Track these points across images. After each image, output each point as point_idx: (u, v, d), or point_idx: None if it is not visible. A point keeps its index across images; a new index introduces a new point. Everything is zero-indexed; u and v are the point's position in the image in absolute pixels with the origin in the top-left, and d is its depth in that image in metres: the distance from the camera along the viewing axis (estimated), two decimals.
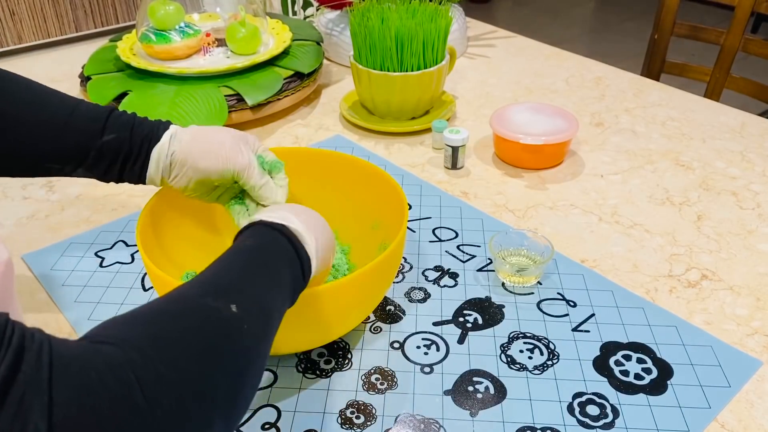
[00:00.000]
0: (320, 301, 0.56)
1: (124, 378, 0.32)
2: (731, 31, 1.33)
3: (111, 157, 0.60)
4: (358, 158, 0.73)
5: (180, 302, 0.41)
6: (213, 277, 0.45)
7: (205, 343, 0.38)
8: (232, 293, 0.43)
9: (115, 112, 0.61)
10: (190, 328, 0.39)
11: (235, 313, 0.41)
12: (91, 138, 0.59)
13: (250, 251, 0.48)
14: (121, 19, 1.42)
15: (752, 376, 0.61)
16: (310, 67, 1.09)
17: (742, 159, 0.95)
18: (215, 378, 0.38)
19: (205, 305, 0.41)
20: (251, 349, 0.42)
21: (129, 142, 0.59)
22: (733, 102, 1.14)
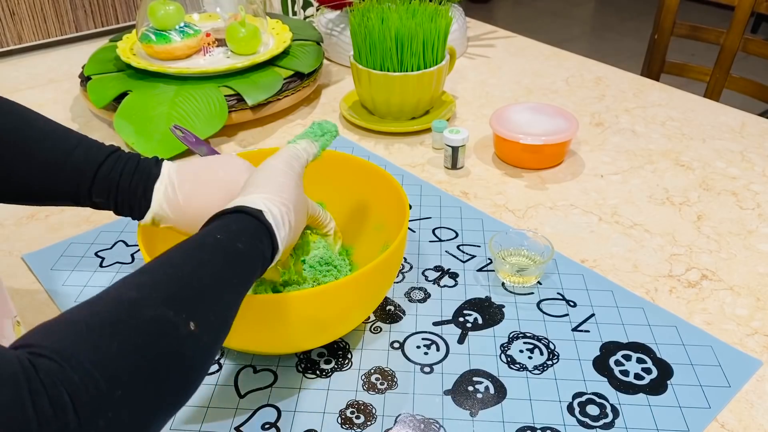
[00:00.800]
0: (321, 301, 0.56)
1: (59, 399, 0.31)
2: (731, 31, 1.33)
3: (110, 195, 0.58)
4: (359, 158, 0.73)
5: (134, 309, 0.38)
6: (176, 279, 0.42)
7: (154, 365, 0.36)
8: (194, 306, 0.40)
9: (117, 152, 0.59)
10: (141, 345, 0.36)
11: (192, 332, 0.39)
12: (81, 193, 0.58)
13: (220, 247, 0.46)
14: (121, 19, 1.42)
15: (752, 376, 0.61)
16: (310, 67, 1.09)
17: (742, 159, 0.95)
18: (158, 399, 0.36)
19: (161, 318, 0.38)
20: (202, 367, 0.41)
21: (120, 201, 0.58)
22: (733, 102, 1.15)
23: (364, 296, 0.60)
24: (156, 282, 0.40)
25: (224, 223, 0.48)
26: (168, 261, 0.43)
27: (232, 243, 0.46)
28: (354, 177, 0.73)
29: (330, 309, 0.57)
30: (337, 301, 0.57)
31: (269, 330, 0.57)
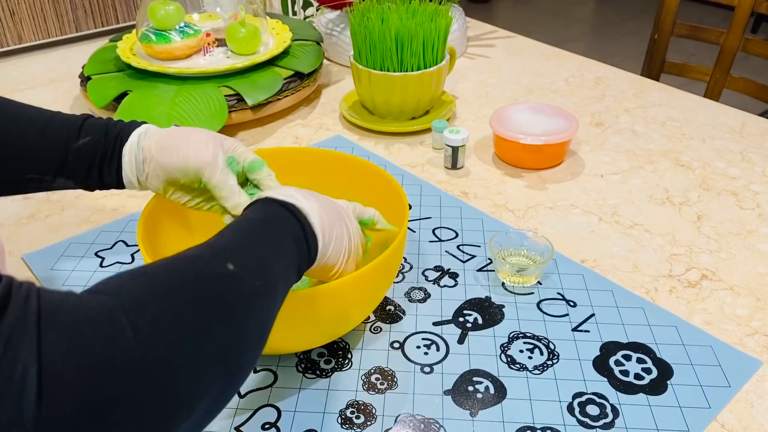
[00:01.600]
0: (321, 301, 0.56)
1: (116, 322, 0.32)
2: (731, 31, 1.33)
3: (88, 161, 0.60)
4: (359, 158, 0.73)
5: (175, 260, 0.41)
6: (212, 241, 0.45)
7: (200, 292, 0.38)
8: (229, 252, 0.43)
9: (91, 118, 0.61)
10: (185, 280, 0.39)
11: (231, 270, 0.41)
12: (67, 143, 0.59)
13: (253, 222, 0.48)
14: (121, 19, 1.42)
15: (752, 376, 0.61)
16: (310, 67, 1.09)
17: (742, 159, 0.95)
18: (212, 328, 0.37)
19: (199, 261, 0.41)
20: (251, 304, 0.42)
21: (103, 142, 0.60)
22: (733, 102, 1.15)
23: (364, 296, 0.60)
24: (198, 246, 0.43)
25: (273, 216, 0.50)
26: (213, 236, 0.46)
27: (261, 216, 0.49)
28: (354, 177, 0.73)
29: (330, 309, 0.57)
30: (337, 301, 0.57)
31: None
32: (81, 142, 0.59)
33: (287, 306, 0.54)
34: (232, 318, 0.39)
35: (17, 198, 0.88)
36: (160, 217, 0.66)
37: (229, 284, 0.41)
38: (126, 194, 0.88)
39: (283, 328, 0.56)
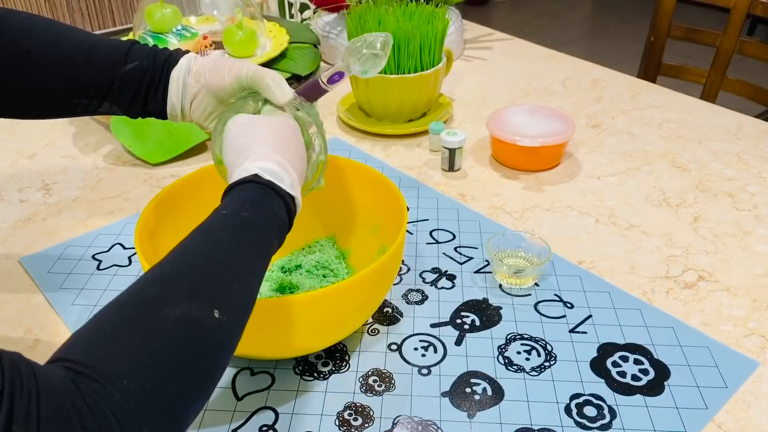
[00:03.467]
0: (320, 305, 0.56)
1: (105, 420, 0.34)
2: (727, 33, 1.33)
3: (135, 86, 0.60)
4: (356, 162, 0.73)
5: (159, 310, 0.39)
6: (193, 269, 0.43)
7: (187, 363, 0.39)
8: (215, 293, 0.42)
9: (137, 44, 0.62)
10: (172, 349, 0.38)
11: (217, 320, 0.41)
12: (115, 67, 0.60)
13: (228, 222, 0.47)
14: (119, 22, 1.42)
15: (749, 377, 0.61)
16: (308, 70, 1.09)
17: (738, 160, 0.95)
18: (194, 393, 0.39)
19: (187, 316, 0.39)
20: (231, 348, 0.43)
21: (151, 69, 0.60)
22: (729, 104, 1.15)
23: (363, 300, 0.60)
24: (177, 274, 0.42)
25: (228, 200, 0.49)
26: (184, 249, 0.44)
27: (237, 214, 0.47)
28: (351, 179, 0.73)
29: (329, 313, 0.57)
30: (336, 305, 0.57)
31: (268, 334, 0.57)
32: (128, 67, 0.60)
33: (285, 312, 0.55)
34: (210, 375, 0.40)
35: (14, 201, 0.88)
36: (158, 220, 0.66)
37: (214, 339, 0.41)
38: (123, 197, 0.88)
39: (281, 334, 0.56)
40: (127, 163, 0.96)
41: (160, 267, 0.43)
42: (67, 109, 0.62)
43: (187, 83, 0.61)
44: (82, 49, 0.59)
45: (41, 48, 0.59)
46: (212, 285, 0.42)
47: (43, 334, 0.67)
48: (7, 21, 0.59)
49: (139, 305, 0.39)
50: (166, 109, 0.62)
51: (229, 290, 0.43)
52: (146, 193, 0.89)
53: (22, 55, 0.58)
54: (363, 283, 0.57)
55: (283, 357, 0.63)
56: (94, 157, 0.98)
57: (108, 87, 0.60)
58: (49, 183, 0.92)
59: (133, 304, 0.40)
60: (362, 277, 0.56)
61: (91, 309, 0.69)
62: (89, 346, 0.37)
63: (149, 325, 0.38)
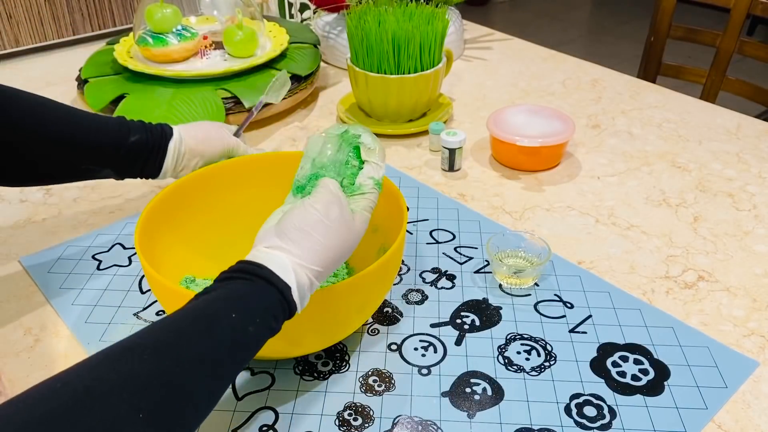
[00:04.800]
0: (320, 306, 0.56)
1: None
2: (727, 34, 1.33)
3: (138, 155, 0.71)
4: None
5: (111, 416, 0.35)
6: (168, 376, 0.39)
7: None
8: (180, 416, 0.38)
9: (126, 119, 0.72)
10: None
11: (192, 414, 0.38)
12: (122, 138, 0.70)
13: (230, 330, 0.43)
14: (119, 22, 1.42)
15: (749, 377, 0.61)
16: (308, 70, 1.10)
17: (738, 160, 0.95)
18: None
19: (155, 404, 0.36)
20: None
21: (151, 140, 0.71)
22: (729, 104, 1.15)
23: (363, 300, 0.60)
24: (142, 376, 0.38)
25: (245, 292, 0.45)
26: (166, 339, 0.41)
27: (245, 327, 0.44)
28: None
29: (329, 313, 0.57)
30: (336, 305, 0.57)
31: None
32: (133, 139, 0.70)
33: None
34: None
35: (14, 201, 0.88)
36: (158, 220, 0.66)
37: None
38: (123, 197, 0.88)
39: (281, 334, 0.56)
40: None
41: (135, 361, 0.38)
42: (75, 177, 0.72)
43: (182, 152, 0.73)
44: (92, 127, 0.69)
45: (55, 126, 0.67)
46: (181, 408, 0.39)
47: (43, 334, 0.67)
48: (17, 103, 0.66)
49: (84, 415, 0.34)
50: (160, 172, 0.73)
51: (196, 408, 0.40)
52: (146, 193, 0.89)
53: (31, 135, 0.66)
54: (363, 283, 0.57)
55: (283, 357, 0.63)
56: None
57: (114, 157, 0.70)
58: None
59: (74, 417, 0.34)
60: (362, 277, 0.56)
61: (91, 309, 0.69)
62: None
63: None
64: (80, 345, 0.65)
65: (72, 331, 0.67)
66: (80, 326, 0.67)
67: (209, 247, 0.71)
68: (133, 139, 0.70)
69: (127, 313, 0.69)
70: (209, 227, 0.72)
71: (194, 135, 0.74)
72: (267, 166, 0.75)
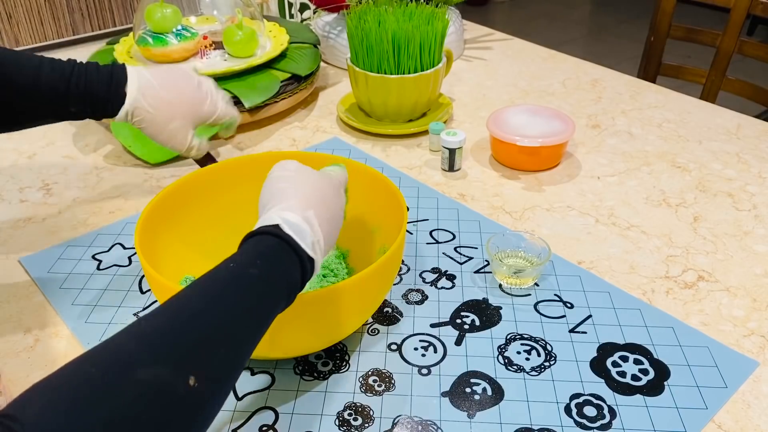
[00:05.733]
0: (320, 306, 0.56)
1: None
2: (727, 34, 1.33)
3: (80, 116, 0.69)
4: (356, 162, 0.73)
5: (127, 369, 0.35)
6: (180, 327, 0.39)
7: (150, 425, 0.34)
8: (196, 357, 0.38)
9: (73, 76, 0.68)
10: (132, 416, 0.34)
11: (192, 388, 0.36)
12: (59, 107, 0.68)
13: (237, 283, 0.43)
14: (119, 22, 1.42)
15: (749, 377, 0.61)
16: (308, 70, 1.10)
17: (738, 160, 0.95)
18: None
19: (157, 379, 0.35)
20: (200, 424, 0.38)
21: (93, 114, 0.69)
22: (729, 104, 1.15)
23: (363, 300, 0.60)
24: (157, 329, 0.38)
25: (242, 250, 0.46)
26: (178, 299, 0.41)
27: (246, 270, 0.44)
28: (351, 179, 0.73)
29: (329, 313, 0.57)
30: (336, 305, 0.57)
31: (268, 334, 0.56)
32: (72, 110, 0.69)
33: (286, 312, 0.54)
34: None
35: (14, 201, 0.88)
36: (158, 220, 0.66)
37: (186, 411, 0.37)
38: (123, 197, 0.88)
39: (281, 334, 0.56)
40: (127, 163, 0.96)
41: (143, 319, 0.39)
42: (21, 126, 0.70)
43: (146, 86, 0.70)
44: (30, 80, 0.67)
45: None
46: (194, 348, 0.38)
47: (43, 334, 0.67)
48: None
49: (106, 363, 0.35)
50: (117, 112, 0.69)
51: (212, 356, 0.39)
52: (146, 193, 0.89)
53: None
54: (363, 283, 0.57)
55: (283, 357, 0.63)
56: (94, 157, 0.98)
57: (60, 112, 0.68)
58: (49, 183, 0.92)
59: (100, 362, 0.35)
60: (362, 277, 0.56)
61: (91, 309, 0.69)
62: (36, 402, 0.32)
63: (110, 386, 0.34)
64: (80, 345, 0.65)
65: (72, 331, 0.67)
66: (80, 326, 0.67)
67: (209, 247, 0.71)
68: (72, 111, 0.68)
69: (127, 313, 0.69)
70: (209, 227, 0.72)
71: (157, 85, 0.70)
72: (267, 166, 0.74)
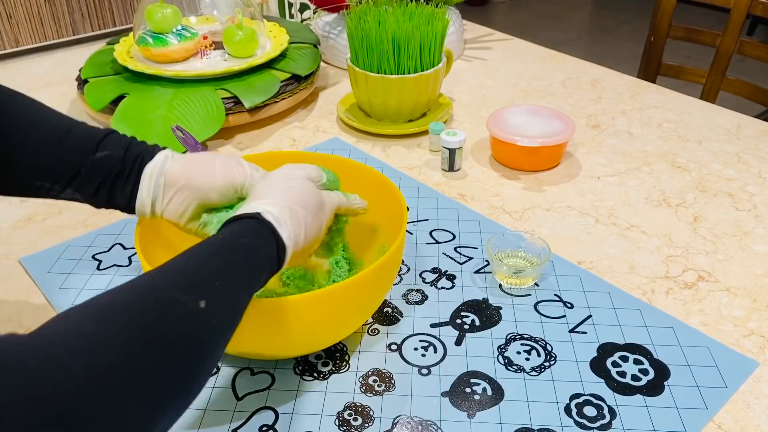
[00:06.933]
0: (320, 306, 0.56)
1: (62, 364, 0.32)
2: (727, 34, 1.33)
3: (102, 175, 0.57)
4: (356, 162, 0.73)
5: (145, 294, 0.40)
6: (184, 269, 0.44)
7: (164, 342, 0.38)
8: (203, 287, 0.43)
9: (114, 133, 0.59)
10: (147, 326, 0.38)
11: (202, 310, 0.41)
12: (84, 155, 0.57)
13: (223, 243, 0.48)
14: (119, 22, 1.42)
15: (749, 377, 0.61)
16: (308, 70, 1.10)
17: (738, 160, 0.95)
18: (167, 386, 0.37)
19: (170, 299, 0.40)
20: (213, 348, 0.42)
21: (122, 160, 0.57)
22: (728, 104, 1.15)
23: (363, 300, 0.60)
24: (168, 270, 0.43)
25: (227, 229, 0.51)
26: (180, 256, 0.46)
27: (235, 238, 0.49)
28: (351, 180, 0.73)
29: (329, 313, 0.57)
30: (336, 305, 0.57)
31: (268, 335, 0.57)
32: (98, 156, 0.57)
33: (285, 312, 0.55)
34: (191, 367, 0.40)
35: (14, 201, 0.88)
36: (158, 220, 0.66)
37: (198, 327, 0.41)
38: None
39: (281, 334, 0.56)
40: None
41: (154, 270, 0.43)
42: (28, 190, 0.58)
43: (160, 183, 0.57)
44: (55, 132, 0.57)
45: (12, 127, 0.56)
46: (204, 280, 0.43)
47: None
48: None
49: (119, 290, 0.40)
50: (134, 204, 0.58)
51: (217, 290, 0.44)
52: None
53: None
54: (363, 283, 0.57)
55: (283, 357, 0.63)
56: None
57: (74, 173, 0.57)
58: None
59: (121, 290, 0.40)
60: (362, 277, 0.56)
61: None
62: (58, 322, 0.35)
63: (134, 307, 0.38)
64: None
65: None
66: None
67: None
68: (98, 156, 0.57)
69: None
70: None
71: (187, 162, 0.58)
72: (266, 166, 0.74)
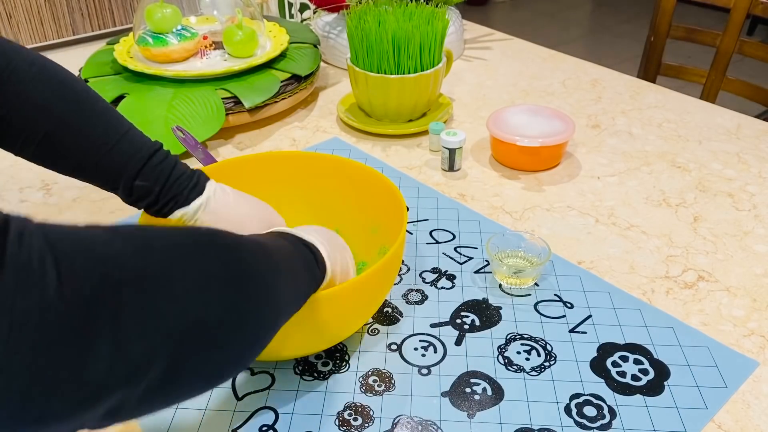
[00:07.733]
0: (321, 307, 0.56)
1: (117, 234, 0.34)
2: (727, 34, 1.33)
3: (137, 196, 0.61)
4: (356, 162, 0.73)
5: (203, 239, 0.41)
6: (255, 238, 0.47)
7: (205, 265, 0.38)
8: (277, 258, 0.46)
9: (158, 154, 0.61)
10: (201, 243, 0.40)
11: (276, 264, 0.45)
12: (126, 177, 0.60)
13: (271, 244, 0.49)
14: (118, 22, 1.42)
15: (749, 377, 0.61)
16: (308, 70, 1.10)
17: (738, 160, 0.95)
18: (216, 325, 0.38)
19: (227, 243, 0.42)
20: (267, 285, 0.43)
21: (156, 196, 0.60)
22: (729, 104, 1.15)
23: (364, 301, 0.60)
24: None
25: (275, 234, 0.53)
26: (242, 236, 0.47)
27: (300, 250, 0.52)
28: (351, 179, 0.73)
29: (329, 314, 0.57)
30: (336, 306, 0.57)
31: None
32: (137, 184, 0.60)
33: None
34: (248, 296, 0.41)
35: (14, 201, 0.88)
36: (158, 220, 0.66)
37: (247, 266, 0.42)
38: None
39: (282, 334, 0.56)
40: None
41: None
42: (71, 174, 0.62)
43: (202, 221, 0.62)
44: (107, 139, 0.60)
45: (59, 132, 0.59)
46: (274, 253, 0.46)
47: None
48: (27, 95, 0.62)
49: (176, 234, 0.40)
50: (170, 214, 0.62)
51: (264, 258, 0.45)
52: None
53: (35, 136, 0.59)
54: (363, 283, 0.57)
55: (284, 358, 0.63)
56: None
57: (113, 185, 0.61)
58: (49, 183, 0.92)
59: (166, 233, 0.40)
60: (362, 278, 0.56)
61: None
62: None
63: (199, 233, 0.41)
64: None
65: None
66: None
67: None
68: (137, 184, 0.60)
69: None
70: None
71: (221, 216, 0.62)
72: (266, 166, 0.75)
